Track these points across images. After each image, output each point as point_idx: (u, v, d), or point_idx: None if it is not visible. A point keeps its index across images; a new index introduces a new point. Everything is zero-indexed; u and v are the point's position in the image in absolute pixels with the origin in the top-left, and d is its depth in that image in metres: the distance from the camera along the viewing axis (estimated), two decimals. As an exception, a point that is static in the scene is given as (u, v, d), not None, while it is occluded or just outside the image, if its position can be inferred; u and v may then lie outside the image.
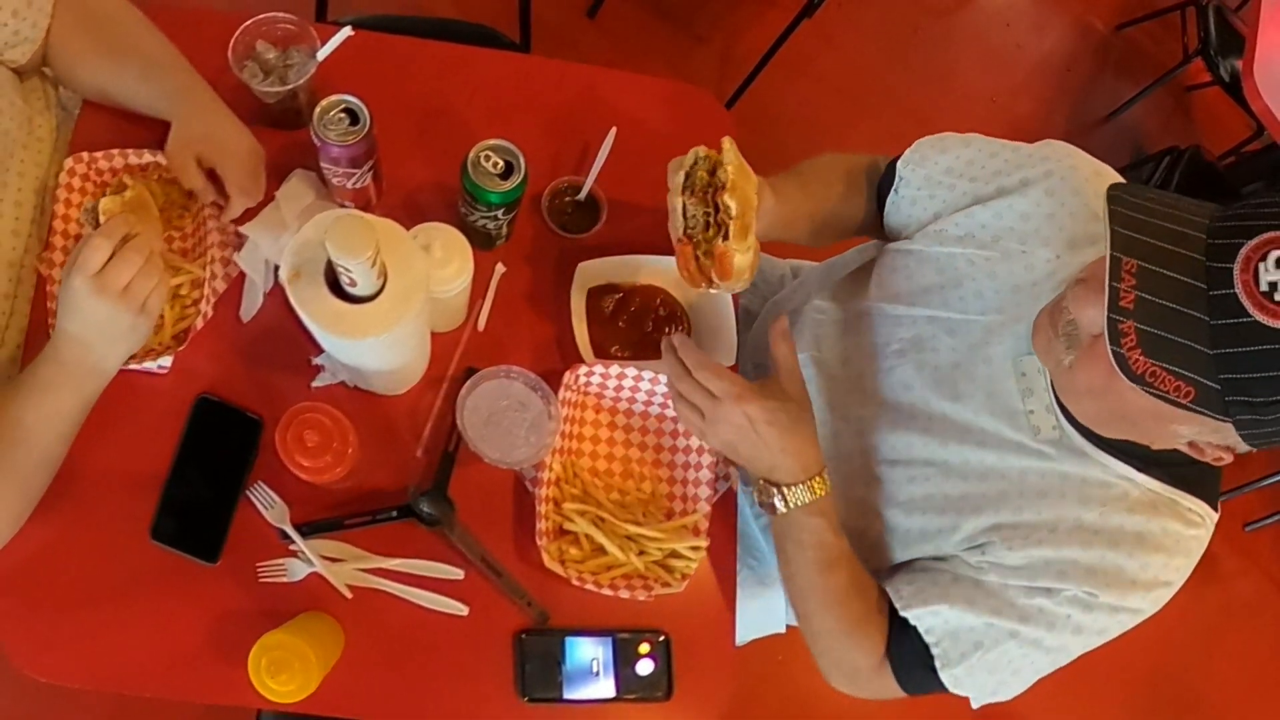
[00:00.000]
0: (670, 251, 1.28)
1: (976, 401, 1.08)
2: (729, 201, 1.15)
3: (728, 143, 1.19)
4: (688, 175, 1.21)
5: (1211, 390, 0.86)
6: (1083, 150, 1.24)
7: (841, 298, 1.46)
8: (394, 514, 1.26)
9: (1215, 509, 1.14)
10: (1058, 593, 1.11)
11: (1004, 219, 1.22)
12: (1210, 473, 1.12)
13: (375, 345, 1.12)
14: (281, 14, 1.34)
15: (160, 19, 1.38)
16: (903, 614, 1.19)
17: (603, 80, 1.61)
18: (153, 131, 1.34)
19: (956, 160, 1.32)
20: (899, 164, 1.38)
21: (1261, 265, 0.81)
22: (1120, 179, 1.12)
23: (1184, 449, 1.02)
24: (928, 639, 1.16)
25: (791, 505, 1.17)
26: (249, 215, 1.34)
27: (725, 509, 1.37)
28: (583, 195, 1.46)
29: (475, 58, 1.60)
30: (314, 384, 1.32)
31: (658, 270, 1.45)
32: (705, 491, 1.35)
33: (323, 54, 1.34)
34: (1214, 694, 3.87)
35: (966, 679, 1.17)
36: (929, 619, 1.17)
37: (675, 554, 1.31)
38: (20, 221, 1.26)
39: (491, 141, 1.29)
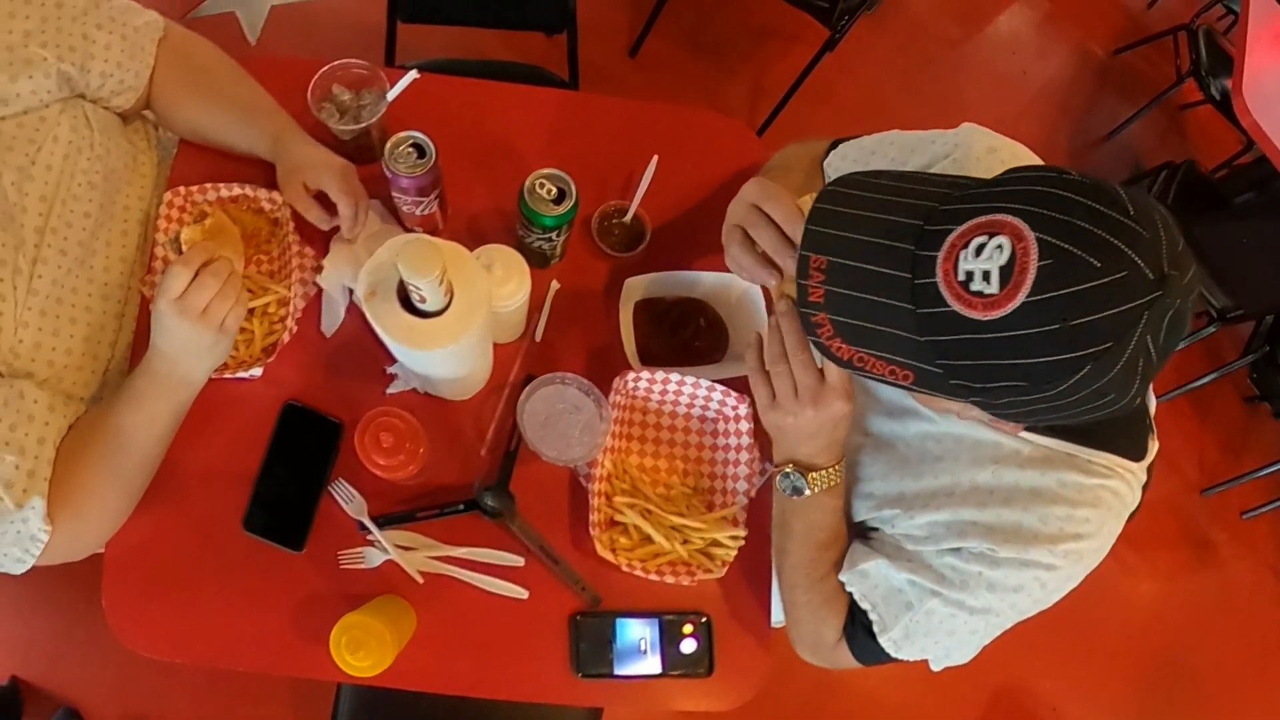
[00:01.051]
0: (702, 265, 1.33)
1: None
2: None
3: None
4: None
5: (932, 374, 0.84)
6: (1028, 149, 1.15)
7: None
8: (461, 507, 1.29)
9: (1136, 457, 1.07)
10: (962, 550, 1.08)
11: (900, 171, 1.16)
12: (1120, 425, 1.07)
13: (443, 355, 1.14)
14: (354, 60, 1.37)
15: (248, 66, 1.42)
16: (839, 577, 1.19)
17: (644, 113, 1.63)
18: (240, 167, 1.39)
19: (867, 147, 1.31)
20: (825, 165, 1.36)
21: (963, 254, 0.78)
22: (1029, 158, 1.08)
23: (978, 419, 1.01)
24: (862, 605, 1.17)
25: (818, 489, 1.14)
26: (326, 237, 1.37)
27: (761, 502, 1.37)
28: (628, 217, 1.48)
29: (529, 95, 1.62)
30: (388, 391, 1.35)
31: (697, 284, 1.46)
32: (743, 485, 1.35)
33: (392, 95, 1.38)
34: (1213, 672, 3.81)
35: (905, 643, 1.15)
36: (859, 582, 1.17)
37: (716, 543, 1.32)
38: (127, 249, 1.30)
39: (545, 170, 1.31)
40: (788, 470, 1.14)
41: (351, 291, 1.36)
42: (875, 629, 1.15)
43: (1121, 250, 0.72)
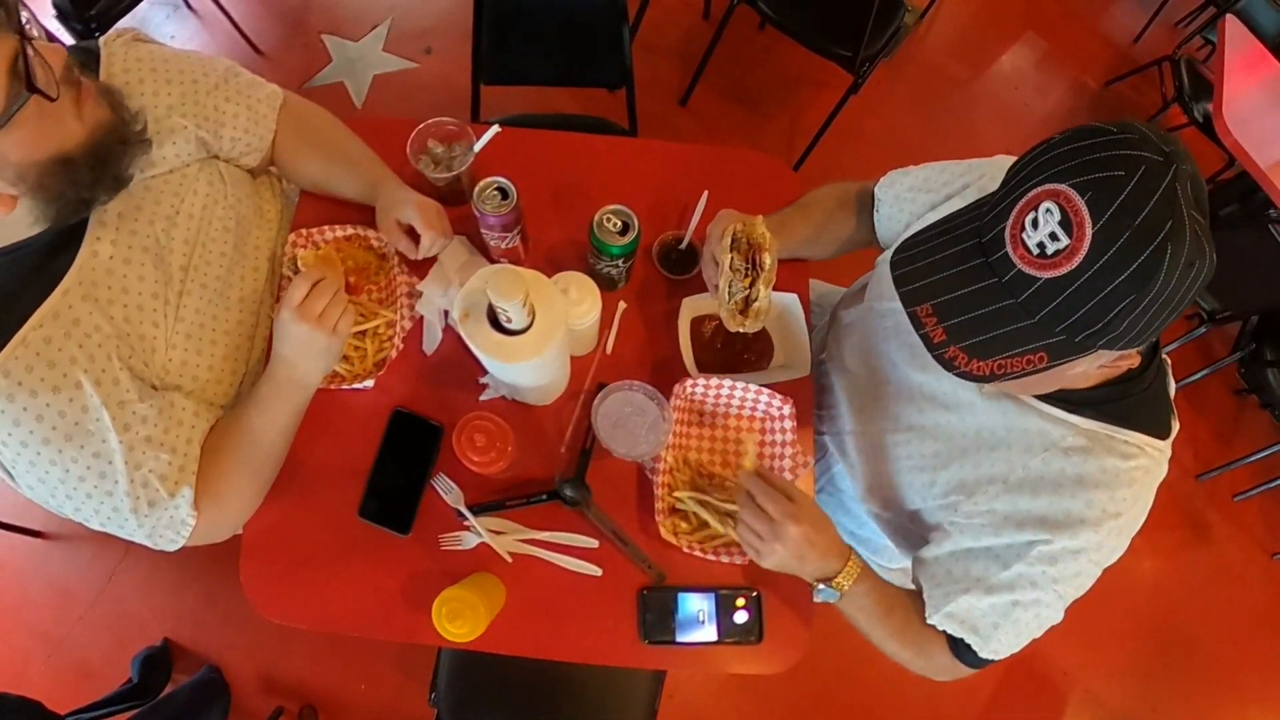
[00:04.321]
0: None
1: (938, 367, 0.98)
2: (767, 260, 1.24)
3: (761, 220, 1.27)
4: (734, 239, 1.26)
5: (1059, 343, 0.84)
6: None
7: (851, 304, 1.47)
8: (544, 497, 1.30)
9: (1162, 435, 1.07)
10: (1023, 552, 1.08)
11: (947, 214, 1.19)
12: (1146, 402, 1.07)
13: (527, 367, 1.16)
14: (446, 118, 1.41)
15: (357, 126, 1.48)
16: (930, 622, 1.18)
17: (695, 154, 1.64)
18: (351, 212, 1.44)
19: (916, 179, 1.33)
20: (875, 189, 1.41)
21: (1025, 235, 0.81)
22: None
23: (1103, 373, 0.99)
24: (958, 636, 1.16)
25: (844, 590, 1.17)
26: (426, 269, 1.41)
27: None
28: (684, 245, 1.49)
29: (595, 142, 1.64)
30: (481, 398, 1.38)
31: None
32: (788, 476, 1.35)
33: (478, 147, 1.41)
34: (1208, 639, 3.74)
35: (1003, 648, 1.14)
36: (949, 622, 1.16)
37: None
38: (258, 282, 1.34)
39: (611, 206, 1.33)
40: (818, 588, 1.18)
41: (447, 314, 1.39)
42: (976, 649, 1.15)
43: (1130, 155, 0.76)
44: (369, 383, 1.33)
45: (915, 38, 3.99)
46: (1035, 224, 0.80)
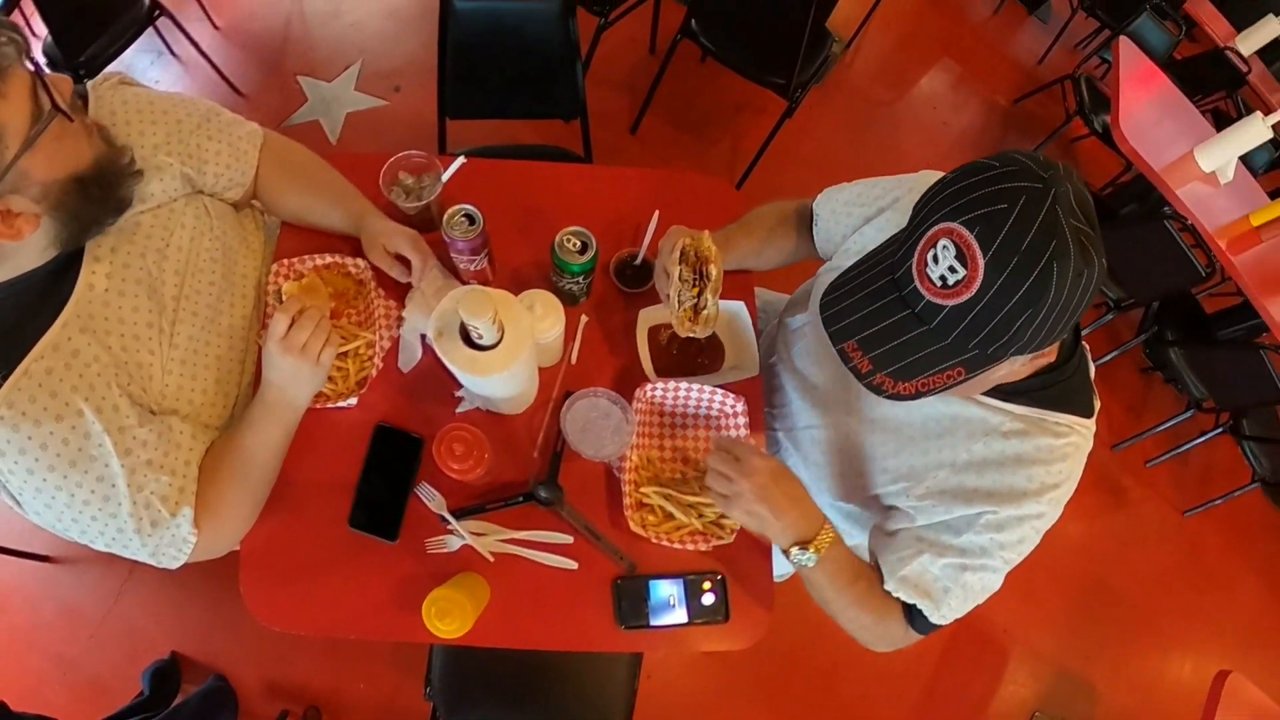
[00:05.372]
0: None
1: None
2: (713, 271, 1.25)
3: (708, 236, 1.28)
4: (683, 252, 1.26)
5: (974, 357, 0.87)
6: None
7: (796, 311, 1.48)
8: (520, 499, 1.29)
9: (1088, 414, 1.11)
10: (973, 521, 1.10)
11: (884, 231, 1.21)
12: (1071, 387, 1.10)
13: (499, 380, 1.14)
14: (414, 151, 1.39)
15: (332, 161, 1.45)
16: (886, 589, 1.18)
17: (645, 177, 1.64)
18: (330, 241, 1.41)
19: (851, 194, 1.35)
20: (813, 205, 1.42)
21: (928, 269, 0.83)
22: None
23: (1030, 368, 1.02)
24: (911, 602, 1.16)
25: (823, 550, 1.13)
26: (400, 291, 1.39)
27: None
28: (638, 260, 1.49)
29: (554, 169, 1.63)
30: (458, 410, 1.36)
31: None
32: None
33: (446, 177, 1.40)
34: (1130, 590, 3.83)
35: (952, 613, 1.15)
36: (903, 587, 1.16)
37: (720, 520, 1.33)
38: (245, 309, 1.32)
39: (570, 228, 1.32)
40: (792, 551, 1.15)
41: (424, 335, 1.37)
42: (928, 614, 1.15)
43: (1010, 188, 0.79)
44: (352, 400, 1.31)
45: (843, 65, 4.04)
46: (935, 259, 0.82)
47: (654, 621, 1.29)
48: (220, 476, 1.15)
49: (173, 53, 2.95)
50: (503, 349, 1.12)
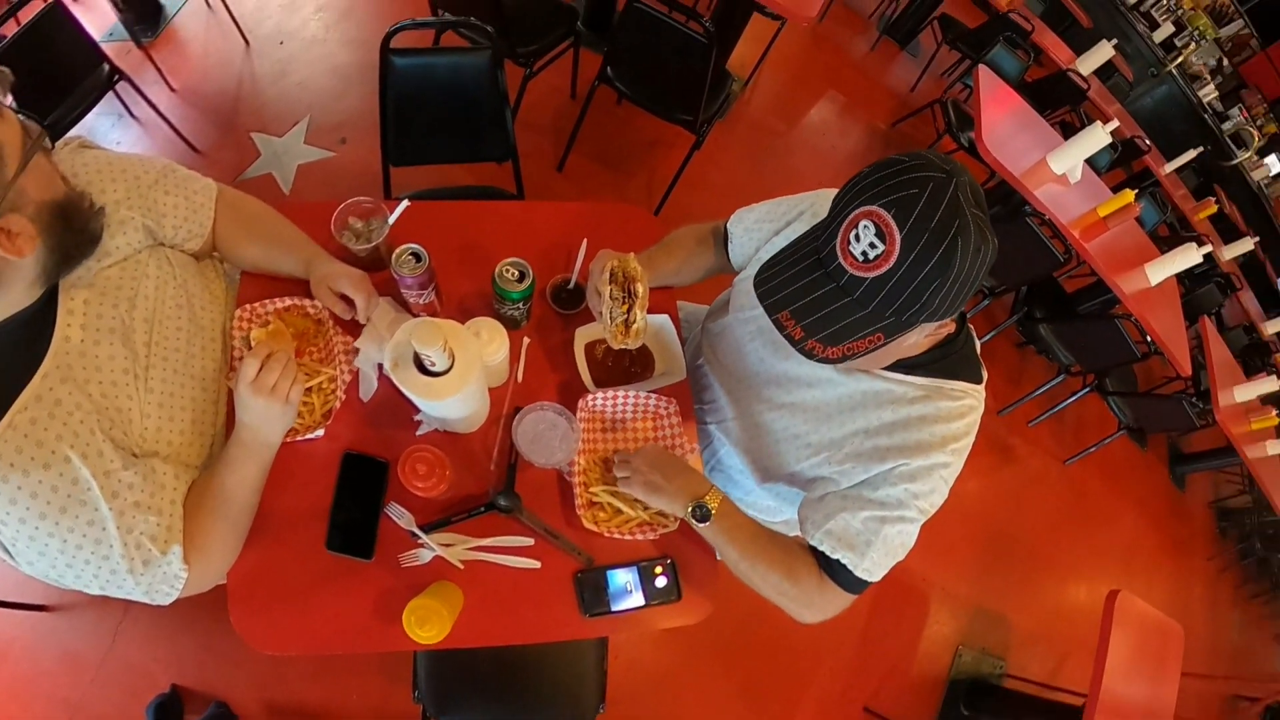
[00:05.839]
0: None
1: (798, 355, 1.03)
2: (640, 289, 1.24)
3: (633, 257, 1.28)
4: (612, 273, 1.25)
5: (891, 323, 0.89)
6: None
7: (717, 317, 1.48)
8: (483, 509, 1.25)
9: (978, 381, 1.15)
10: (888, 474, 1.11)
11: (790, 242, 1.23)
12: (962, 359, 1.13)
13: (453, 402, 1.12)
14: (362, 197, 1.34)
15: (287, 210, 1.39)
16: (810, 543, 1.17)
17: (573, 210, 1.61)
18: (288, 285, 1.35)
19: (760, 213, 1.36)
20: (727, 224, 1.42)
21: (850, 246, 0.86)
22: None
23: (929, 341, 1.07)
24: (835, 556, 1.14)
25: (711, 510, 1.18)
26: (357, 327, 1.34)
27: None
28: (572, 284, 1.46)
29: (491, 207, 1.60)
30: (418, 433, 1.31)
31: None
32: None
33: (392, 219, 1.36)
34: (1026, 534, 3.94)
35: (875, 567, 1.13)
36: (827, 539, 1.14)
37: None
38: (214, 353, 1.26)
39: (509, 259, 1.29)
40: (689, 509, 1.19)
41: (381, 366, 1.32)
42: (850, 567, 1.13)
43: (919, 176, 0.83)
44: (319, 432, 1.25)
45: (742, 101, 4.08)
46: (857, 238, 0.85)
47: (615, 607, 1.26)
48: (203, 515, 1.09)
49: (133, 115, 2.84)
50: (454, 374, 1.09)
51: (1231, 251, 5.49)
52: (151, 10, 3.12)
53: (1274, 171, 7.60)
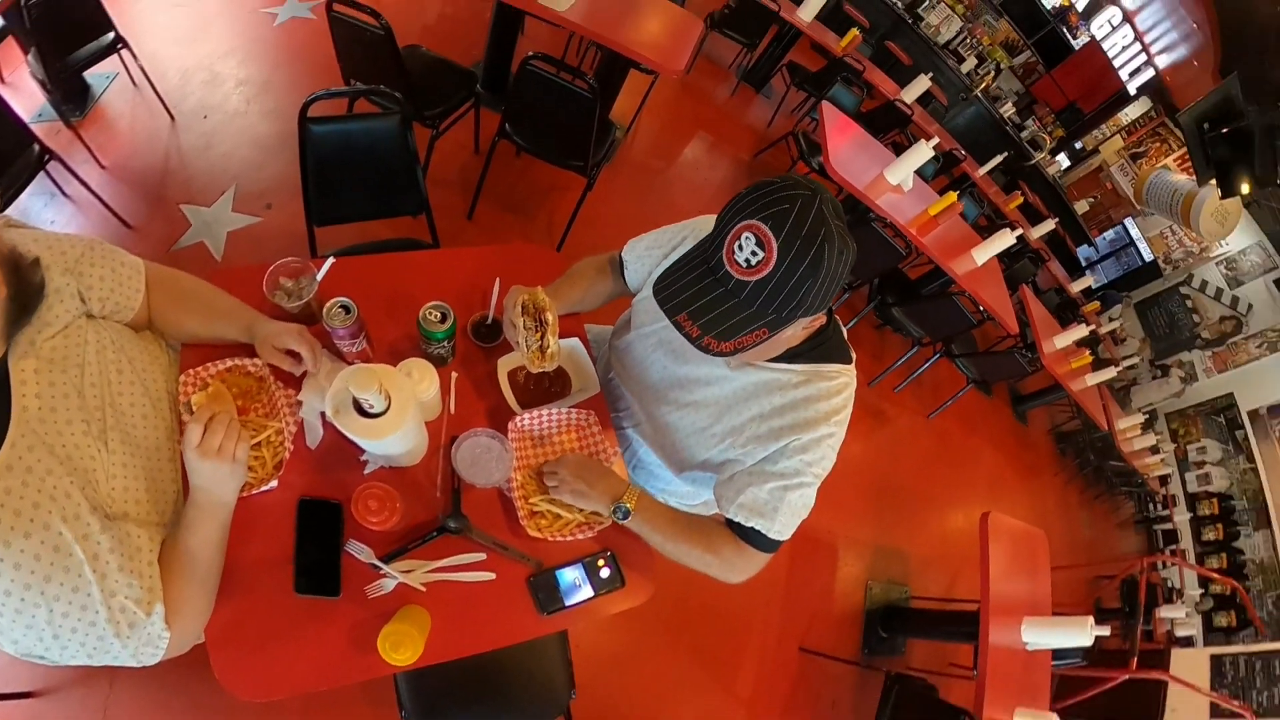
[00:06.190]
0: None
1: (695, 358, 1.12)
2: (549, 318, 1.21)
3: (541, 290, 1.25)
4: (523, 306, 1.22)
5: (775, 319, 0.92)
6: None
7: (621, 335, 1.45)
8: (435, 534, 1.16)
9: (849, 361, 1.17)
10: (784, 450, 1.12)
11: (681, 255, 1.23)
12: (833, 345, 1.15)
13: (393, 439, 1.04)
14: (291, 258, 1.25)
15: (220, 276, 1.27)
16: (727, 516, 1.18)
17: (485, 253, 1.54)
18: (228, 348, 1.22)
19: (649, 241, 1.35)
20: (621, 254, 1.40)
21: (735, 255, 0.89)
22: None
23: (805, 333, 1.07)
24: (750, 524, 1.15)
25: (631, 508, 1.16)
26: (297, 380, 1.23)
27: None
28: (489, 320, 1.40)
29: (410, 257, 1.51)
30: (365, 472, 1.21)
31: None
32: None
33: (320, 276, 1.27)
34: (906, 480, 4.06)
35: (784, 528, 1.15)
36: (741, 511, 1.15)
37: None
38: (164, 414, 1.12)
39: (431, 303, 1.22)
40: (613, 511, 1.18)
41: (324, 414, 1.21)
42: (764, 531, 1.14)
43: (789, 194, 0.87)
44: (273, 483, 1.14)
45: (626, 146, 4.06)
46: (740, 247, 0.88)
47: (568, 602, 1.20)
48: (173, 579, 0.96)
49: (65, 194, 2.56)
50: (392, 413, 1.02)
51: (1038, 231, 5.83)
52: (79, 90, 2.87)
53: (1064, 166, 8.23)
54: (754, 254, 0.87)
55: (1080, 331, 4.78)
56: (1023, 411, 5.86)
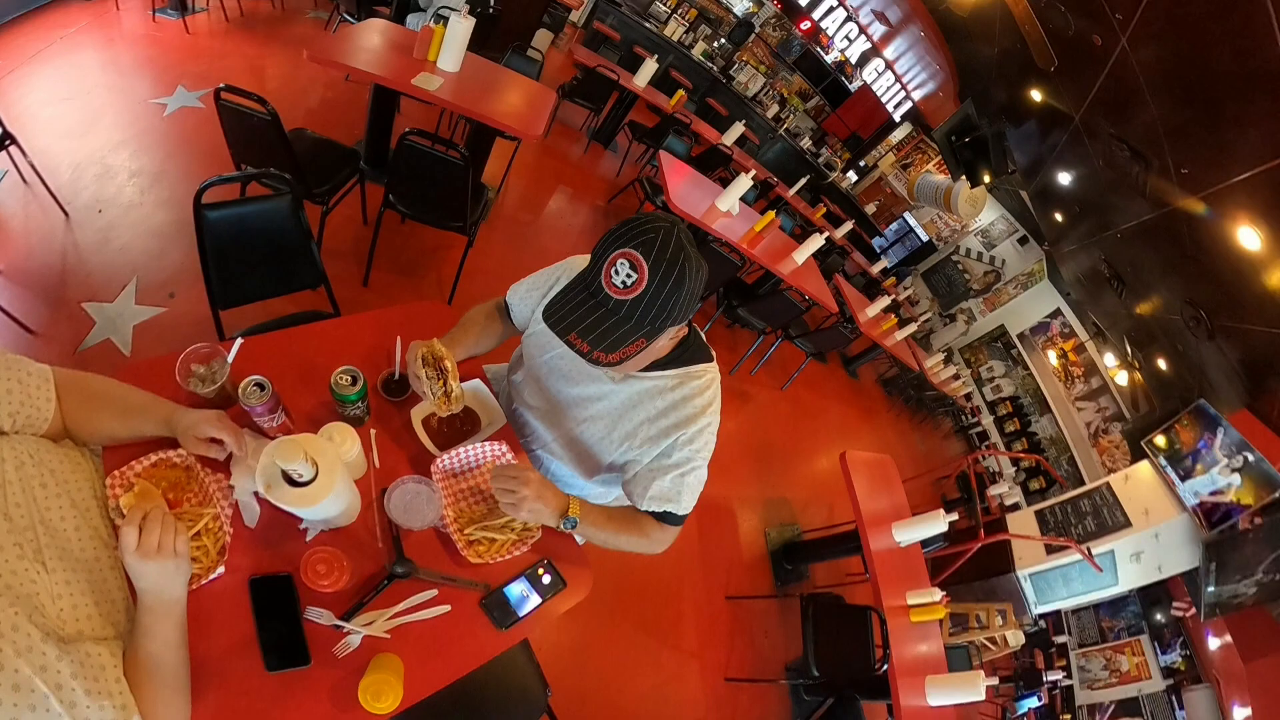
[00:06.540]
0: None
1: (583, 379, 1.13)
2: (448, 365, 1.15)
3: (437, 340, 1.19)
4: (422, 358, 1.15)
5: (651, 330, 0.94)
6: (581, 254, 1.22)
7: (516, 370, 1.41)
8: (386, 582, 1.05)
9: (710, 360, 1.18)
10: (674, 444, 1.14)
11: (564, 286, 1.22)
12: (695, 349, 1.16)
13: (327, 503, 0.95)
14: (200, 344, 1.10)
15: (130, 371, 1.10)
16: (642, 508, 1.18)
17: (383, 315, 1.43)
18: (150, 444, 1.04)
19: (528, 284, 1.32)
20: (506, 298, 1.36)
21: (612, 278, 0.91)
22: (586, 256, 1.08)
23: (671, 343, 1.10)
24: (660, 510, 1.17)
25: (577, 517, 1.12)
26: (224, 464, 1.07)
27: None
28: (396, 376, 1.30)
29: (314, 328, 1.38)
30: (307, 539, 1.08)
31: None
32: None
33: (230, 358, 1.12)
34: (777, 440, 4.20)
35: (689, 504, 1.19)
36: (654, 501, 1.17)
37: (526, 524, 1.21)
38: (96, 523, 0.93)
39: (340, 369, 1.13)
40: (561, 525, 1.12)
41: (257, 492, 1.06)
42: (674, 511, 1.17)
43: (653, 225, 0.91)
44: (220, 570, 0.98)
45: (498, 204, 3.96)
46: (616, 272, 0.90)
47: (521, 614, 1.13)
48: (144, 690, 0.81)
49: None
50: (321, 478, 0.93)
51: (840, 231, 6.45)
52: (-34, 190, 2.42)
53: (853, 180, 9.23)
54: (629, 276, 0.89)
55: (884, 302, 5.33)
56: (854, 369, 6.31)
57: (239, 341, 1.13)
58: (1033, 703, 5.27)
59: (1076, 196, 5.39)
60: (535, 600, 1.15)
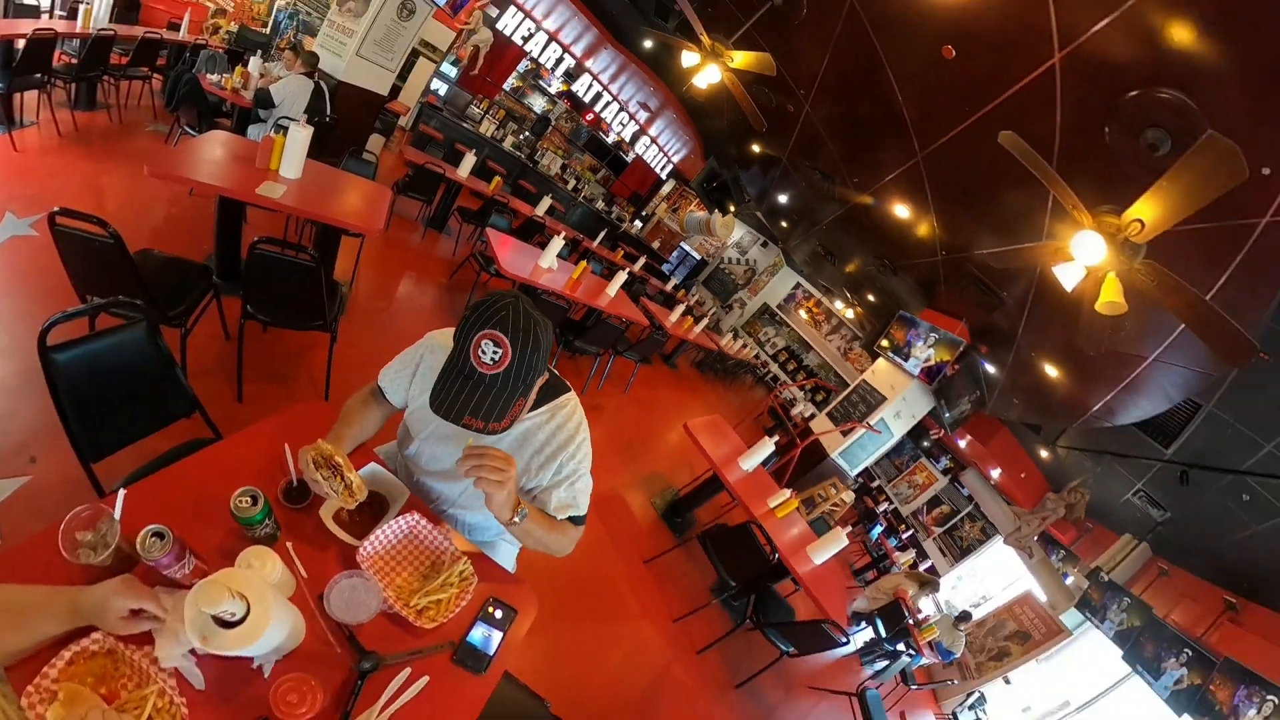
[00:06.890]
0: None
1: (472, 438, 1.00)
2: (340, 461, 1.00)
3: (322, 441, 1.02)
4: (314, 462, 0.98)
5: (525, 389, 0.92)
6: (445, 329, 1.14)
7: (406, 444, 1.23)
8: (360, 683, 0.87)
9: (569, 390, 1.15)
10: (562, 465, 1.10)
11: (426, 375, 1.13)
12: (554, 385, 1.12)
13: (270, 633, 0.76)
14: (79, 508, 0.80)
15: (9, 569, 0.78)
16: (560, 519, 1.12)
17: (266, 427, 1.17)
18: (55, 644, 0.73)
19: (395, 365, 1.18)
20: (378, 383, 1.19)
21: (480, 357, 0.87)
22: (450, 338, 0.99)
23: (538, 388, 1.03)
24: (568, 516, 1.13)
25: (526, 512, 1.01)
26: (146, 635, 0.78)
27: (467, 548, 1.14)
28: (295, 483, 1.07)
29: (198, 458, 1.07)
30: (265, 675, 0.84)
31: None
32: (448, 545, 1.12)
33: (117, 514, 0.83)
34: (638, 429, 4.29)
35: (585, 504, 1.15)
36: (562, 510, 1.11)
37: (461, 574, 1.08)
38: None
39: (237, 492, 0.92)
40: (515, 517, 1.01)
41: (192, 650, 0.79)
42: (577, 513, 1.13)
43: (504, 303, 0.88)
44: (186, 740, 0.73)
45: (353, 298, 3.45)
46: (483, 351, 0.87)
47: (490, 653, 1.01)
48: None
49: None
50: (255, 611, 0.75)
51: (637, 265, 6.92)
52: None
53: (639, 226, 10.33)
54: (495, 352, 0.86)
55: (681, 308, 5.90)
56: (673, 362, 6.71)
57: (122, 494, 0.85)
58: (878, 528, 6.38)
59: (793, 209, 6.66)
60: (498, 636, 1.03)
